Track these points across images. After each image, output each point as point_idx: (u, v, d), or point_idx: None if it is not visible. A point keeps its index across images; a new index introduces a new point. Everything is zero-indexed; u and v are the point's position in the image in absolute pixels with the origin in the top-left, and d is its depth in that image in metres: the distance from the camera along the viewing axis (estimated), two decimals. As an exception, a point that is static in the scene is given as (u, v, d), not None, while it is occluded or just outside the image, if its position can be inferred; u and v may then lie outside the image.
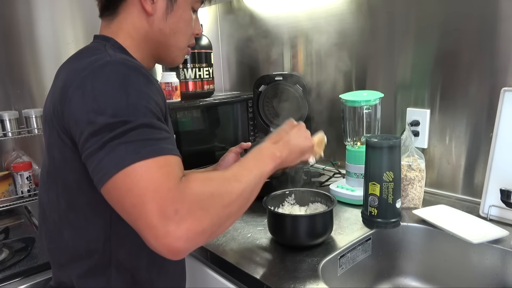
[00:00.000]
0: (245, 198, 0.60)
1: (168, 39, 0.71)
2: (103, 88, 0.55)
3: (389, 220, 0.88)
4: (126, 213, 0.51)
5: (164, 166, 0.52)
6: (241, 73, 1.77)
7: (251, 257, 0.84)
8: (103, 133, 0.52)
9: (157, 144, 0.53)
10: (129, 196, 0.50)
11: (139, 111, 0.54)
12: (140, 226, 0.49)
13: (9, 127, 1.29)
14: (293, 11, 1.46)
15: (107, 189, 0.52)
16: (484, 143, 1.03)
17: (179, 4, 0.70)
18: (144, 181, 0.50)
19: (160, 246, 0.49)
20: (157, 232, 0.48)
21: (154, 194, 0.49)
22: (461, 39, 1.04)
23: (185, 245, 0.49)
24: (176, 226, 0.48)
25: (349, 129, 1.19)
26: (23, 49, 1.36)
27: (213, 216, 0.52)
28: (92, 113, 0.53)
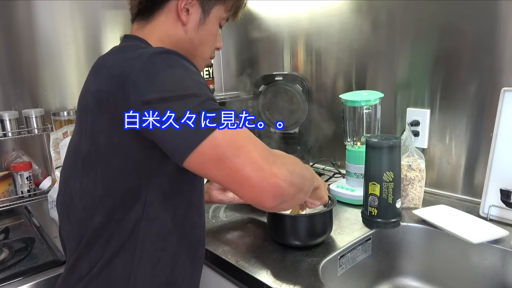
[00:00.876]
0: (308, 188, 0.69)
1: (196, 49, 0.77)
2: (168, 70, 0.59)
3: (389, 220, 0.88)
4: (227, 168, 0.55)
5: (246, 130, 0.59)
6: (241, 73, 1.77)
7: (251, 257, 0.84)
8: (180, 106, 0.56)
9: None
10: (231, 149, 0.55)
11: (204, 87, 0.60)
12: (245, 173, 0.55)
13: (9, 127, 1.29)
14: (293, 11, 1.46)
15: (203, 149, 0.55)
16: (484, 143, 1.03)
17: (211, 19, 0.76)
18: (242, 136, 0.57)
19: (268, 185, 0.55)
20: (264, 173, 0.55)
21: (253, 146, 0.56)
22: (461, 39, 1.04)
23: (286, 187, 0.57)
24: (278, 170, 0.56)
25: (349, 129, 1.19)
26: (23, 49, 1.36)
27: (297, 177, 0.61)
28: (164, 92, 0.57)
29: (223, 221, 1.04)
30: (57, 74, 1.41)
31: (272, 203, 0.56)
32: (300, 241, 0.86)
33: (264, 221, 0.97)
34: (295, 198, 0.62)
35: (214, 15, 0.76)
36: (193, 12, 0.73)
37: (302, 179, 0.64)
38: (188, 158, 0.56)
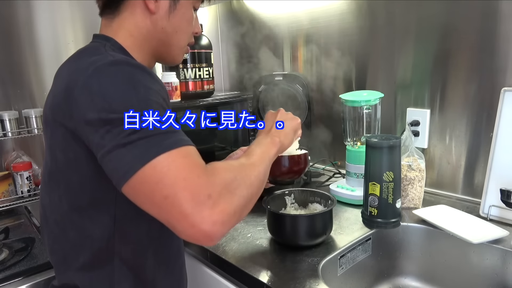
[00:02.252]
0: (261, 180, 0.63)
1: (170, 37, 0.72)
2: (111, 86, 0.54)
3: (389, 220, 0.88)
4: (157, 207, 0.51)
5: (187, 155, 0.53)
6: (241, 73, 1.77)
7: (251, 257, 0.84)
8: (119, 130, 0.52)
9: (174, 136, 0.54)
10: (159, 188, 0.50)
11: (150, 106, 0.54)
12: (173, 217, 0.49)
13: (9, 127, 1.29)
14: (293, 11, 1.46)
15: (133, 185, 0.51)
16: (484, 143, 1.03)
17: (182, 3, 0.70)
18: (173, 171, 0.50)
19: (198, 233, 0.49)
20: (193, 220, 0.49)
21: (185, 182, 0.50)
22: (461, 39, 1.04)
23: (221, 228, 0.50)
24: (211, 211, 0.49)
25: (349, 129, 1.19)
26: (23, 49, 1.36)
27: (240, 197, 0.55)
28: (103, 112, 0.52)
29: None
30: (57, 74, 1.41)
31: (212, 243, 0.52)
32: (300, 241, 0.86)
33: (264, 221, 0.97)
34: (243, 215, 0.57)
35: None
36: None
37: (247, 190, 0.57)
38: (122, 189, 0.52)
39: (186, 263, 1.03)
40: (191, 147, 0.55)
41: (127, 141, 0.51)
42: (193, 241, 0.51)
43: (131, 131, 0.51)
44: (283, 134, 0.77)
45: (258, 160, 0.65)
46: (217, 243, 0.54)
